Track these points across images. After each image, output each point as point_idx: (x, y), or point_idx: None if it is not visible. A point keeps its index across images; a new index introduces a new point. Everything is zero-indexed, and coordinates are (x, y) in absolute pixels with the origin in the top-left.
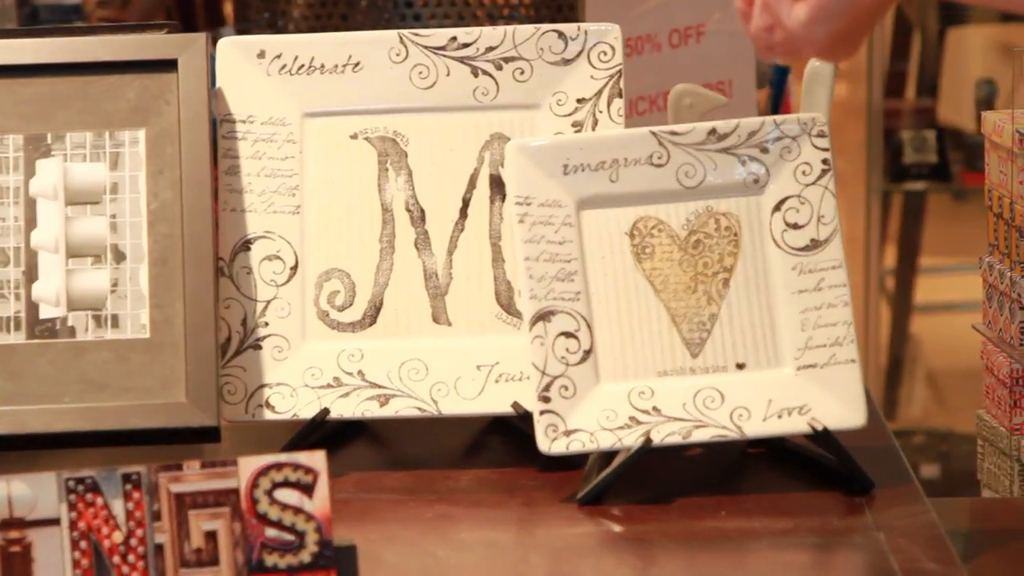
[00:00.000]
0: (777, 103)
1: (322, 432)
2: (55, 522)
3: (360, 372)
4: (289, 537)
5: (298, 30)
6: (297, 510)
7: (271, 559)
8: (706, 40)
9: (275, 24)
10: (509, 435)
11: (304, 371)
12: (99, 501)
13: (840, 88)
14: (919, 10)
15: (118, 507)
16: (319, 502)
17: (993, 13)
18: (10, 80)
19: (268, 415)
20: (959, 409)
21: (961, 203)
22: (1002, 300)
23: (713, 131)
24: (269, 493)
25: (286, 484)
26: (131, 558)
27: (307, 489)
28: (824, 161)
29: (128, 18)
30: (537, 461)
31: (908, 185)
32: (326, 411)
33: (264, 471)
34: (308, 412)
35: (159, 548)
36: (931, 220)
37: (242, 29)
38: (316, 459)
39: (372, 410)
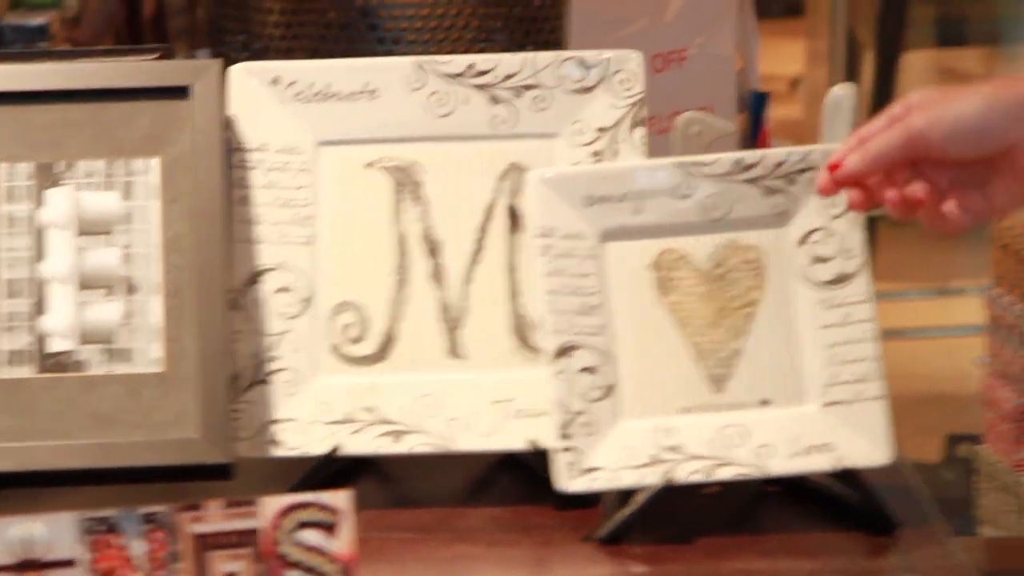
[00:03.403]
0: (756, 127)
1: (332, 469)
2: (73, 563)
3: (373, 407)
4: None
5: (274, 51)
6: (320, 551)
7: None
8: (688, 65)
9: (250, 46)
10: (519, 471)
11: (316, 406)
12: (118, 542)
13: (795, 110)
14: (871, 34)
15: (138, 548)
16: (344, 543)
17: (931, 37)
18: (20, 107)
19: (279, 451)
20: (908, 437)
21: (900, 229)
22: (1008, 333)
23: (739, 161)
24: (292, 533)
25: (310, 524)
26: None
27: (331, 529)
28: None
29: (81, 36)
30: (551, 499)
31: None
32: (338, 447)
33: (287, 511)
34: (320, 448)
35: None
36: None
37: (217, 52)
38: (341, 499)
39: (385, 446)
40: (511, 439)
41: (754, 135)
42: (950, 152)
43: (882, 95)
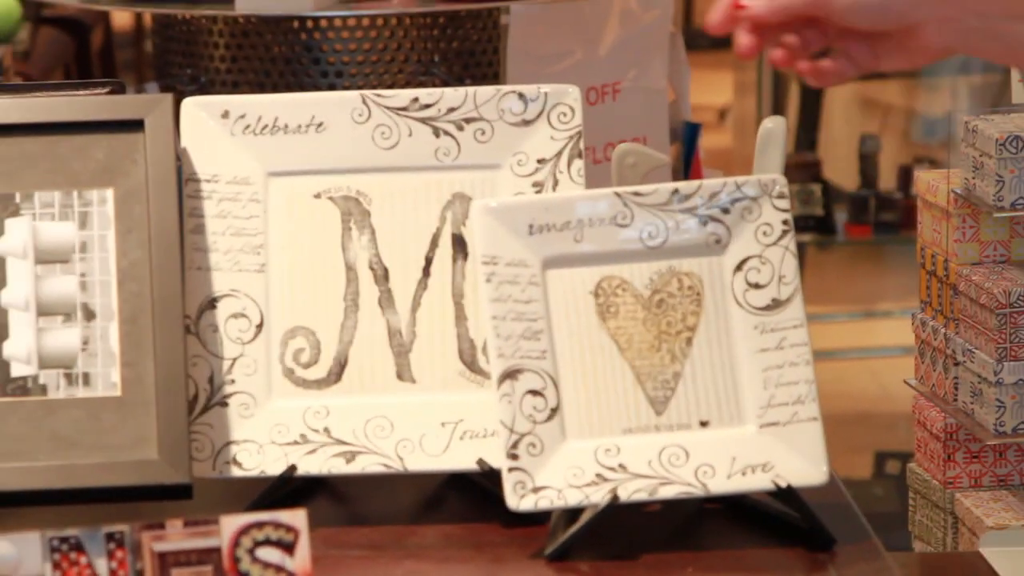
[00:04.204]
0: (689, 157)
1: (287, 488)
2: None
3: (326, 429)
4: None
5: (220, 84)
6: (279, 568)
7: None
8: (622, 97)
9: (197, 79)
10: (468, 490)
11: (271, 428)
12: (83, 560)
13: (726, 138)
14: None
15: (102, 566)
16: (300, 561)
17: None
18: None
19: (236, 472)
20: (838, 454)
21: (827, 253)
22: (935, 356)
23: (676, 192)
24: (251, 551)
25: (267, 543)
26: None
27: (288, 547)
28: (784, 222)
29: (32, 70)
30: (500, 516)
31: (797, 237)
32: (293, 468)
33: (246, 529)
34: (275, 469)
35: None
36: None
37: (165, 86)
38: (297, 517)
39: (338, 467)
40: (460, 459)
41: (687, 165)
42: (849, 19)
43: (807, 125)
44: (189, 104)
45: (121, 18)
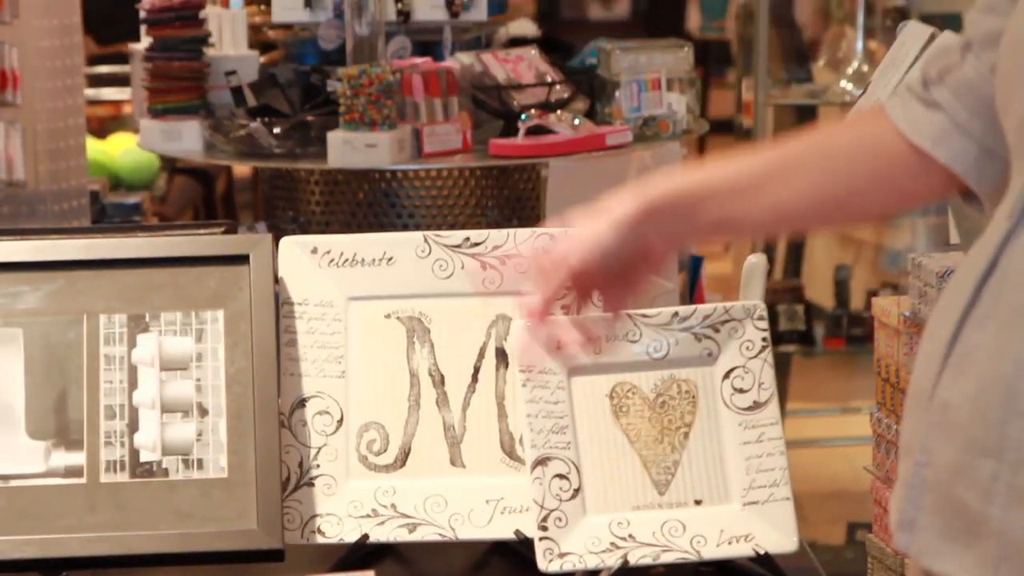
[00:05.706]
0: (693, 284)
1: (361, 553)
2: None
3: (393, 505)
4: None
5: (316, 223)
6: None
7: None
8: None
9: (297, 219)
10: (508, 555)
11: (348, 504)
12: None
13: (728, 266)
14: None
15: None
16: None
17: None
18: (117, 271)
19: (319, 539)
20: (819, 524)
21: (810, 359)
22: (888, 447)
23: (676, 314)
24: None
25: None
26: None
27: None
28: (763, 339)
29: (167, 211)
30: None
31: (781, 348)
32: (366, 536)
33: None
34: (351, 537)
35: None
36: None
37: (272, 224)
38: None
39: (402, 536)
40: (501, 530)
41: (692, 290)
42: (594, 269)
43: (793, 256)
44: (286, 242)
45: (241, 168)
